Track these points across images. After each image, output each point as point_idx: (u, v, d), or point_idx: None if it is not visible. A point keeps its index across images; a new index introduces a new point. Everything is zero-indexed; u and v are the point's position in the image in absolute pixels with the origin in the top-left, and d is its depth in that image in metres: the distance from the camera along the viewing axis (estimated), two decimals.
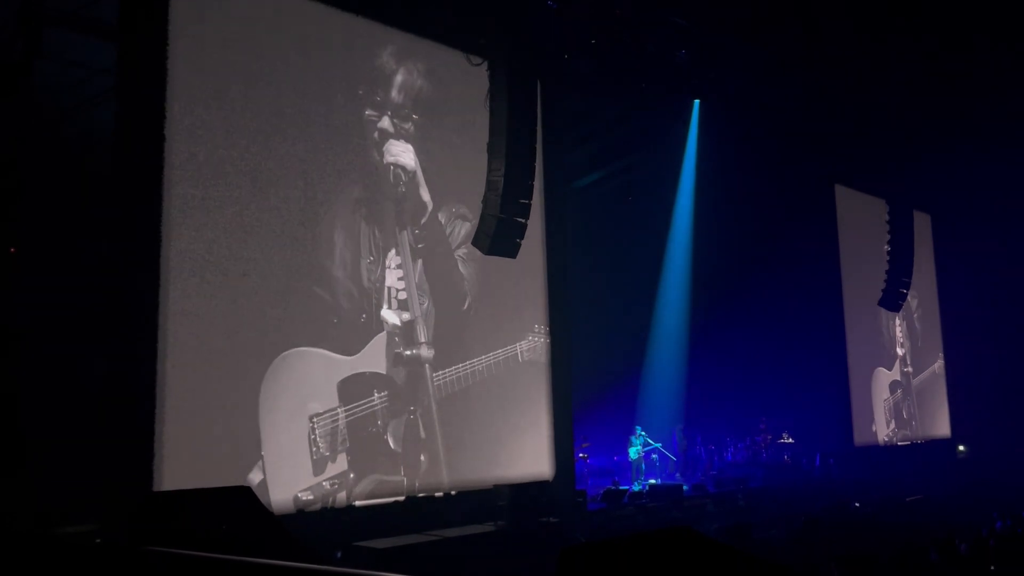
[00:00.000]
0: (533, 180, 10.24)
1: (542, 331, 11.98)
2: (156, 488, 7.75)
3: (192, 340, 8.34)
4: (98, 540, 7.09)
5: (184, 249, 8.41)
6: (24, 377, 7.99)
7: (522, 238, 10.11)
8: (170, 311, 8.22)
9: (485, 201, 9.98)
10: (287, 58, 9.53)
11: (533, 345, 11.81)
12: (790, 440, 16.69)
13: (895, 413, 18.83)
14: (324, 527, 8.72)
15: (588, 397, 14.19)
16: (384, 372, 10.09)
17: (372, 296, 10.09)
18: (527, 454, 11.44)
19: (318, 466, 9.18)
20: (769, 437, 16.42)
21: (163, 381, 8.07)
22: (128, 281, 8.18)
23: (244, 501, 5.52)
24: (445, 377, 10.69)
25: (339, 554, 8.36)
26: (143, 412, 7.91)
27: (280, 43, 9.48)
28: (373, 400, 9.85)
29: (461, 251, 11.18)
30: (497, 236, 9.87)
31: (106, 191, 8.20)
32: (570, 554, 2.09)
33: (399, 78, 10.77)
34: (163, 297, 8.19)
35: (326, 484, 9.16)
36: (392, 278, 10.31)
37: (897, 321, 19.22)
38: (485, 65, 10.50)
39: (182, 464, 8.01)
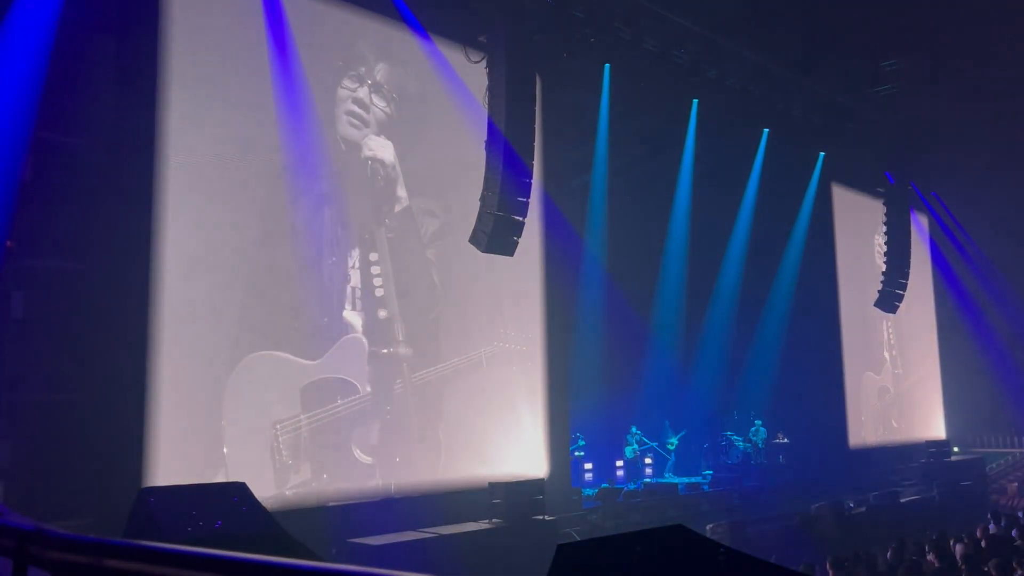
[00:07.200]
0: (531, 178, 10.25)
1: (535, 328, 11.86)
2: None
3: (171, 339, 8.23)
4: (92, 535, 7.07)
5: (171, 246, 8.31)
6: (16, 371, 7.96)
7: (519, 236, 10.11)
8: (159, 305, 8.17)
9: (483, 198, 9.98)
10: (274, 49, 9.30)
11: (521, 345, 11.62)
12: (785, 440, 16.71)
13: (884, 416, 18.86)
14: (312, 525, 8.63)
15: (584, 395, 14.18)
16: (350, 378, 9.72)
17: (334, 298, 9.71)
18: (521, 452, 11.39)
19: (281, 474, 8.94)
20: (764, 437, 16.45)
21: (152, 380, 8.05)
22: (121, 276, 8.17)
23: (239, 497, 5.52)
24: (427, 377, 10.43)
25: (334, 550, 8.36)
26: (133, 409, 7.90)
27: (267, 34, 9.26)
28: (338, 405, 9.55)
29: (430, 251, 10.79)
30: (495, 234, 9.88)
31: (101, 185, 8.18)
32: (565, 551, 2.10)
33: (388, 73, 10.56)
34: (153, 291, 8.15)
35: (288, 492, 8.93)
36: (359, 277, 9.92)
37: (887, 324, 19.25)
38: (484, 62, 10.49)
39: (158, 468, 7.95)
